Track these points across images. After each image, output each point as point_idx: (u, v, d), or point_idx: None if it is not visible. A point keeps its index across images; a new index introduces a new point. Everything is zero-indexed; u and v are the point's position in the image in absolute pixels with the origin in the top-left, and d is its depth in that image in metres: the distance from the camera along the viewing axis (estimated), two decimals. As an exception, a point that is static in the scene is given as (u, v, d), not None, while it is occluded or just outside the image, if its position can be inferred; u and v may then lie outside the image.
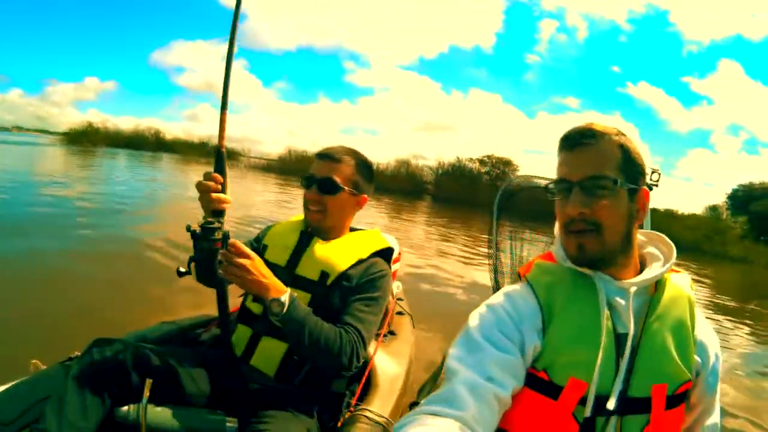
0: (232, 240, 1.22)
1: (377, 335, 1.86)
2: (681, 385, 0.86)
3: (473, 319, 0.90)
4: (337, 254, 1.44)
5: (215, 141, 1.26)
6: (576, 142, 0.90)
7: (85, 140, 35.41)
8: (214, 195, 1.19)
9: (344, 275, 1.42)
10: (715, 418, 0.96)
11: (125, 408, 1.19)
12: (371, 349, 1.75)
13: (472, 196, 29.62)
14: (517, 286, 0.96)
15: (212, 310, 1.78)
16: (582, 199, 0.87)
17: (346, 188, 1.47)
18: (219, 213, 1.23)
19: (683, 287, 0.94)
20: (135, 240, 5.78)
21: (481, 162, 34.74)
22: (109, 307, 3.35)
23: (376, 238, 1.56)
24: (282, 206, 12.91)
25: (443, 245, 10.22)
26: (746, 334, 6.49)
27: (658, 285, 0.92)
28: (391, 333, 2.08)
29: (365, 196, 1.55)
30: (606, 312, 0.86)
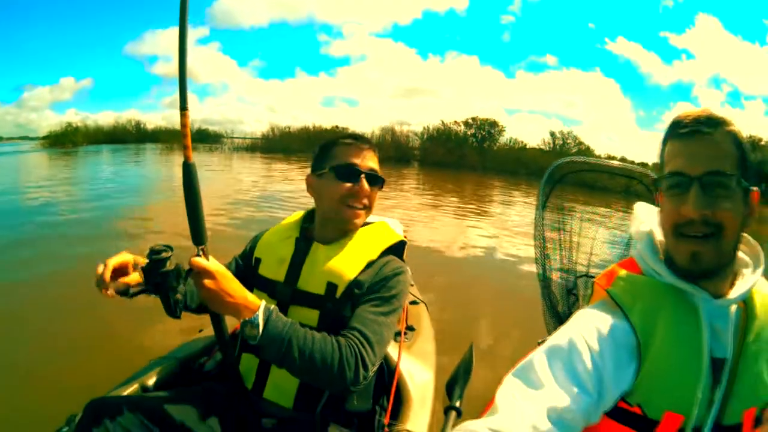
0: (192, 259, 0.98)
1: (397, 335, 1.66)
2: None
3: (542, 350, 0.81)
4: (344, 260, 1.22)
5: (197, 125, 1.04)
6: (695, 129, 0.79)
7: (66, 141, 34.89)
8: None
9: (355, 283, 1.19)
10: None
11: None
12: (394, 354, 1.56)
13: (459, 158, 29.72)
14: (601, 310, 0.85)
15: (210, 330, 1.58)
16: (703, 198, 0.77)
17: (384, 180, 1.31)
18: (198, 238, 1.00)
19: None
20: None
21: (466, 124, 34.51)
22: (93, 346, 2.89)
23: (384, 233, 1.33)
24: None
25: (436, 210, 10.10)
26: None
27: (748, 296, 0.83)
28: (410, 328, 1.89)
29: None
30: (707, 337, 0.77)
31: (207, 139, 37.41)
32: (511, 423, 0.70)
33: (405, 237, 1.40)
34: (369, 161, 1.26)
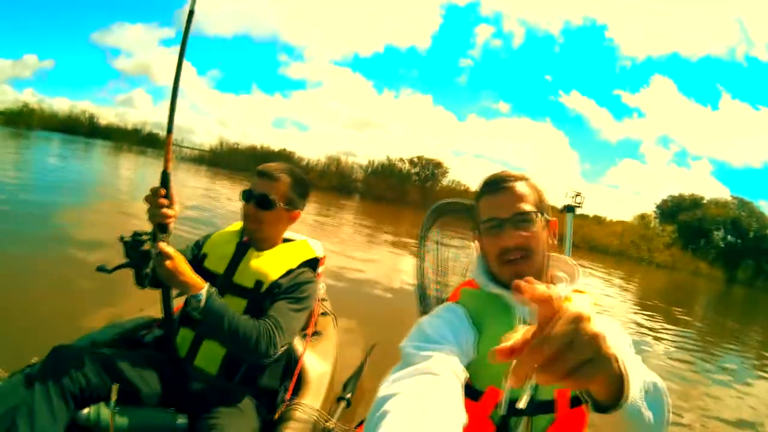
0: (160, 243, 1.34)
1: (305, 335, 2.02)
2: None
3: (426, 321, 1.01)
4: (270, 264, 1.60)
5: (148, 128, 1.42)
6: (500, 186, 1.07)
7: (21, 122, 33.97)
8: (158, 208, 1.33)
9: (276, 284, 1.58)
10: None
11: (86, 411, 1.27)
12: (300, 348, 1.92)
13: (400, 195, 30.22)
14: (453, 305, 1.08)
15: (151, 312, 1.92)
16: (514, 231, 1.02)
17: (280, 204, 1.63)
18: (162, 227, 1.36)
19: (583, 306, 1.13)
20: (65, 239, 5.42)
21: (412, 163, 35.47)
22: (53, 310, 3.21)
23: (304, 249, 1.73)
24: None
25: (368, 243, 10.58)
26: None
27: None
28: (317, 333, 2.26)
29: (298, 211, 1.71)
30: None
31: (156, 144, 36.40)
32: (439, 364, 0.82)
33: (323, 256, 1.79)
34: (261, 188, 1.61)
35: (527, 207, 1.03)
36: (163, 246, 1.34)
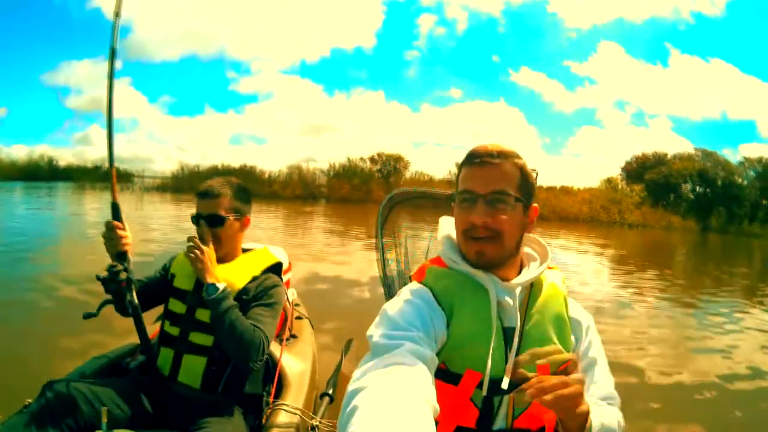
0: (193, 237, 1.60)
1: (281, 340, 2.11)
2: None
3: (392, 306, 0.96)
4: (234, 275, 1.69)
5: (107, 164, 1.48)
6: (484, 160, 0.98)
7: None
8: (117, 238, 1.45)
9: (243, 291, 1.67)
10: (600, 378, 1.06)
11: None
12: (277, 352, 2.00)
13: (366, 194, 30.24)
14: (419, 287, 1.03)
15: (132, 339, 1.96)
16: (486, 210, 0.95)
17: (230, 217, 1.72)
18: (122, 255, 1.46)
19: (557, 282, 1.07)
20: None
21: (372, 160, 35.73)
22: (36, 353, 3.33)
23: (265, 256, 1.83)
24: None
25: (339, 245, 10.68)
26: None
27: (535, 282, 1.04)
28: (293, 336, 2.34)
29: (248, 217, 1.81)
30: (495, 311, 0.96)
31: (119, 178, 34.81)
32: (408, 353, 0.79)
33: (289, 264, 1.86)
34: (207, 209, 1.70)
35: (507, 188, 0.96)
36: (197, 241, 1.60)
